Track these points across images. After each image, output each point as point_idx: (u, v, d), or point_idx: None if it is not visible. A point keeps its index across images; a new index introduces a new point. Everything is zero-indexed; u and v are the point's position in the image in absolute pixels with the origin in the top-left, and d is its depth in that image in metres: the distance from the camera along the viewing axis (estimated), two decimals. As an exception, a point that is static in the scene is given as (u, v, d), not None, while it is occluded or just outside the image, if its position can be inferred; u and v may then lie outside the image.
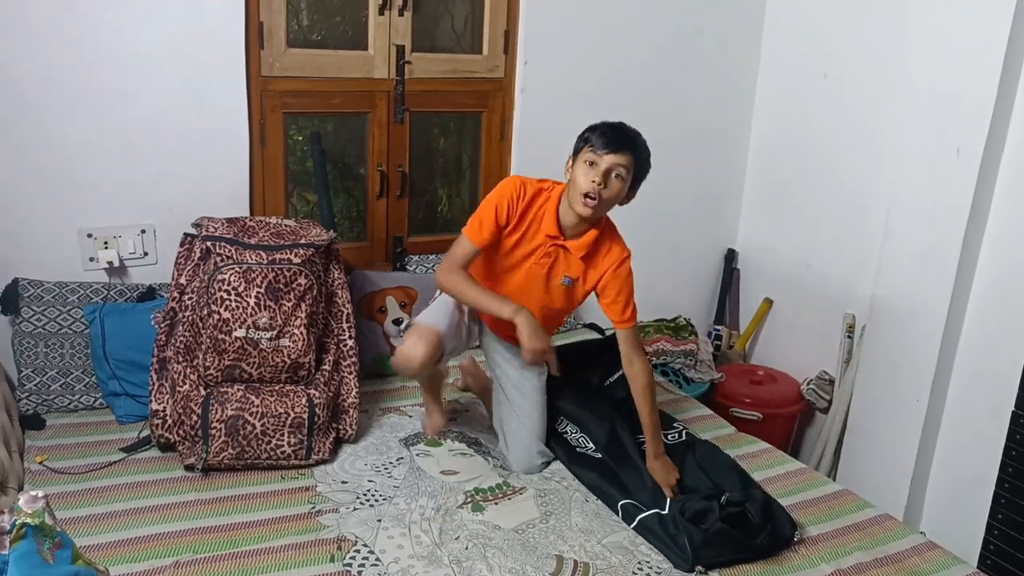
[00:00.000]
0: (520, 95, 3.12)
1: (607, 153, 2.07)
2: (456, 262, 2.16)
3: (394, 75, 2.92)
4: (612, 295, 2.23)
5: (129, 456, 2.24)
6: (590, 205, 2.09)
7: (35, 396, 2.41)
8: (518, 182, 2.20)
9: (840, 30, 3.18)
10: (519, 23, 3.06)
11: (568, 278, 2.23)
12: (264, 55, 2.70)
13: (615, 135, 2.09)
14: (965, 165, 2.55)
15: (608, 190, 2.09)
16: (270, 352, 2.22)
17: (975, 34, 2.51)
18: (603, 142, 2.08)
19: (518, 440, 2.31)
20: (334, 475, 2.23)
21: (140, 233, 2.64)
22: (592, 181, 2.07)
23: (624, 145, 2.09)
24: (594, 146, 2.08)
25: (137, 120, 2.55)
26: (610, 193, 2.10)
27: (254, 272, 2.20)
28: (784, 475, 2.38)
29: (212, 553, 1.86)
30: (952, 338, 2.69)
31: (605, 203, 2.12)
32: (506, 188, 2.18)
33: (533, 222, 2.19)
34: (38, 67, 2.40)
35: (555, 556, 1.94)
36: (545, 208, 2.19)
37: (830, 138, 3.26)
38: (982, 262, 2.63)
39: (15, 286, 2.46)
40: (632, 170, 2.11)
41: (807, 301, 3.43)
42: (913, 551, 2.06)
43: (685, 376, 3.33)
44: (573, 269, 2.23)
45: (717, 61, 3.45)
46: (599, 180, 2.07)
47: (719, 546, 1.93)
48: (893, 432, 2.84)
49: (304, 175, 2.96)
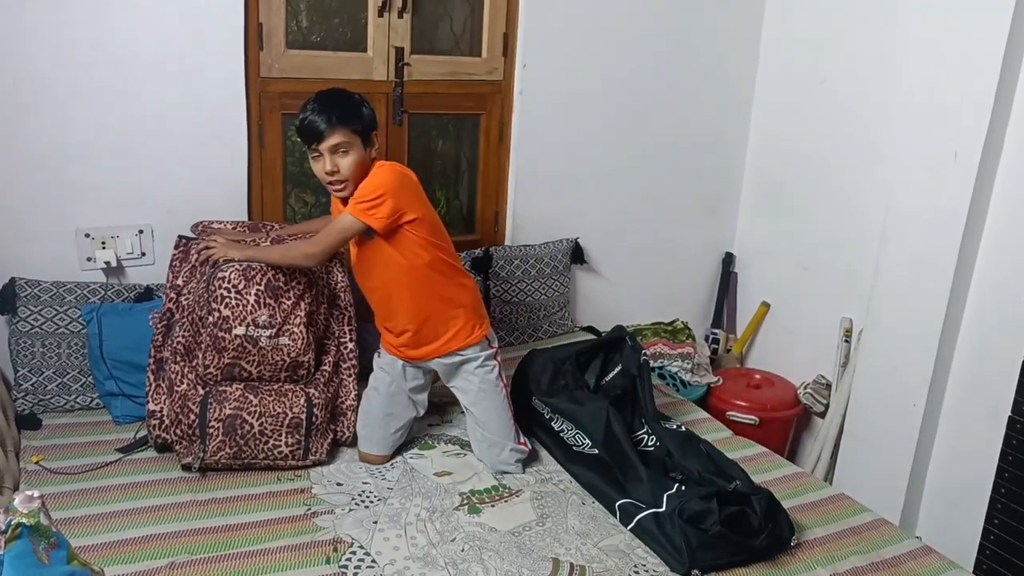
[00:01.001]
0: (519, 98, 3.12)
1: (319, 143, 2.13)
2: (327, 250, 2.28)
3: (393, 77, 2.92)
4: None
5: (125, 456, 2.24)
6: (338, 189, 2.19)
7: (31, 396, 2.41)
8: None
9: (837, 36, 3.19)
10: (518, 26, 3.06)
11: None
12: (263, 56, 2.70)
13: (313, 129, 2.12)
14: (962, 170, 2.55)
15: (343, 167, 2.15)
16: (269, 350, 2.22)
17: (973, 39, 2.51)
18: (307, 138, 2.14)
19: (487, 445, 2.33)
20: (330, 477, 2.23)
21: (138, 233, 2.64)
22: (326, 172, 2.16)
23: (324, 131, 2.11)
24: (307, 147, 2.17)
25: (135, 120, 2.55)
26: (347, 166, 2.15)
27: (254, 270, 2.20)
28: (781, 479, 2.38)
29: (208, 554, 1.86)
30: (949, 343, 2.70)
31: (352, 178, 2.17)
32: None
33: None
34: (36, 67, 2.40)
35: (551, 559, 1.94)
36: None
37: (827, 143, 3.26)
38: (979, 266, 2.63)
39: (12, 285, 2.46)
40: (352, 135, 2.14)
41: (804, 305, 3.43)
42: (909, 556, 2.06)
43: (682, 379, 3.33)
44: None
45: (715, 65, 3.45)
46: (330, 167, 2.14)
47: (717, 549, 1.93)
48: (890, 436, 2.84)
49: (302, 176, 2.96)
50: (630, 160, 3.39)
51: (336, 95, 2.19)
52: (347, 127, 2.12)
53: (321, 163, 2.15)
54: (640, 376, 2.43)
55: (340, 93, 2.21)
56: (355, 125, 2.14)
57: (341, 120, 2.12)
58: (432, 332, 2.30)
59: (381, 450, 2.33)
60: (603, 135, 3.30)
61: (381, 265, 2.23)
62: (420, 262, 2.22)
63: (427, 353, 2.33)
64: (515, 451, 2.33)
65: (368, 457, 2.33)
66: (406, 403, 2.38)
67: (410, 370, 2.38)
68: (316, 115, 2.11)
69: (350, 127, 2.13)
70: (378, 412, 2.34)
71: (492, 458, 2.32)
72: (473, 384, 2.34)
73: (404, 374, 2.37)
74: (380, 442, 2.33)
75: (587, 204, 3.36)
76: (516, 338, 3.12)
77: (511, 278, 3.12)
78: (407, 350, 2.34)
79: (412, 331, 2.30)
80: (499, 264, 3.10)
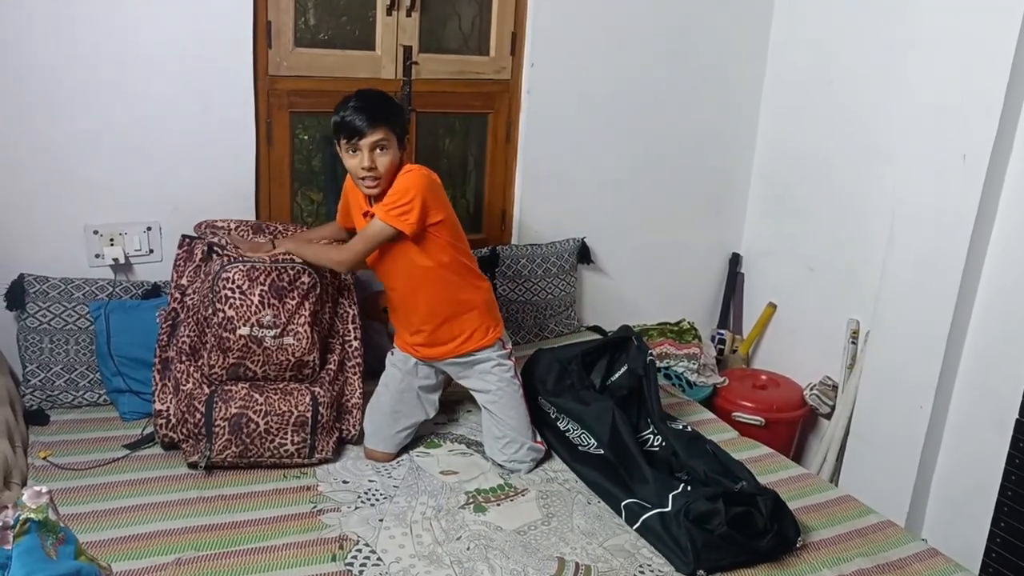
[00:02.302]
0: (526, 97, 3.12)
1: (360, 138, 2.13)
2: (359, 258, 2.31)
3: (401, 75, 2.92)
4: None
5: (132, 453, 2.25)
6: (371, 186, 2.18)
7: (39, 392, 2.42)
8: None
9: (846, 37, 3.18)
10: (526, 25, 3.06)
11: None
12: (271, 54, 2.71)
13: (356, 125, 2.12)
14: (971, 172, 2.54)
15: (381, 164, 2.16)
16: (274, 350, 2.23)
17: (982, 40, 2.50)
18: (348, 133, 2.14)
19: (505, 443, 2.32)
20: (336, 474, 2.24)
21: (146, 230, 2.64)
22: (363, 168, 2.15)
23: (367, 128, 2.12)
24: (345, 142, 2.15)
25: (144, 118, 2.55)
26: (384, 164, 2.16)
27: (257, 270, 2.21)
28: (786, 480, 2.38)
29: (214, 551, 1.87)
30: (956, 345, 2.69)
31: (385, 176, 2.18)
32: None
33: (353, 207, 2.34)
34: (45, 65, 2.41)
35: (557, 558, 1.94)
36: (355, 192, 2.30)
37: (835, 144, 3.25)
38: (987, 269, 2.62)
39: (21, 282, 2.47)
40: (391, 135, 2.16)
41: (811, 306, 3.43)
42: (915, 558, 2.06)
43: (688, 380, 3.33)
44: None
45: (723, 66, 3.45)
46: (368, 163, 2.14)
47: (722, 549, 1.92)
48: (896, 438, 2.83)
49: (309, 174, 2.97)
50: (637, 160, 3.39)
51: (378, 95, 2.23)
52: (388, 126, 2.15)
53: (358, 159, 2.15)
54: (646, 376, 2.42)
55: (381, 93, 2.25)
56: (395, 125, 2.18)
57: (384, 118, 2.15)
58: (447, 333, 2.32)
59: (387, 448, 2.34)
60: (610, 135, 3.30)
61: (402, 265, 2.25)
62: (440, 263, 2.25)
63: (441, 353, 2.34)
64: (532, 449, 2.34)
65: (373, 454, 2.34)
66: (415, 402, 2.39)
67: (422, 368, 2.39)
68: (360, 111, 2.13)
69: (391, 126, 2.16)
70: (386, 408, 2.35)
71: (509, 455, 2.32)
72: (491, 384, 2.36)
73: (416, 371, 2.39)
74: (386, 440, 2.34)
75: (594, 204, 3.36)
76: (522, 337, 3.12)
77: (518, 277, 3.12)
78: (422, 349, 2.35)
79: (428, 331, 2.32)
80: (506, 263, 3.10)
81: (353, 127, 2.13)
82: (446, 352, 2.34)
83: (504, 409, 2.34)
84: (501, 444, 2.33)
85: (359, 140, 2.13)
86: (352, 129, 2.13)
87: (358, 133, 2.13)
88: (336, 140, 2.19)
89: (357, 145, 2.14)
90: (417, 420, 2.40)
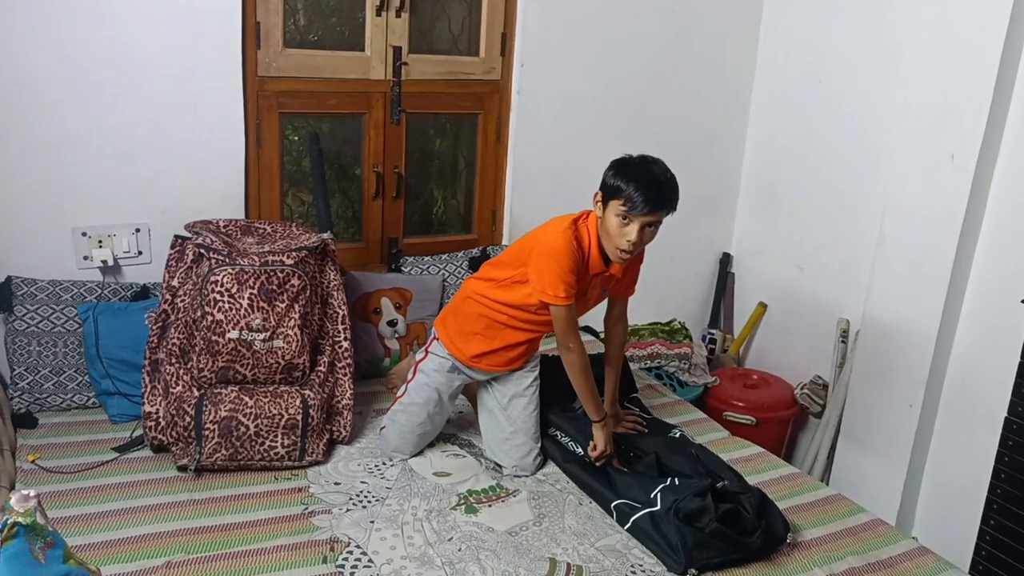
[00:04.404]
0: (516, 97, 3.12)
1: (641, 215, 2.03)
2: (574, 334, 2.19)
3: (391, 76, 2.92)
4: (630, 279, 2.35)
5: (122, 456, 2.23)
6: (625, 258, 2.12)
7: (28, 395, 2.40)
8: (572, 237, 2.13)
9: (835, 36, 3.19)
10: (516, 26, 3.06)
11: (606, 291, 2.32)
12: (261, 55, 2.70)
13: (653, 199, 2.01)
14: (959, 171, 2.56)
15: (643, 241, 2.10)
16: (264, 353, 2.22)
17: (970, 40, 2.52)
18: (639, 204, 2.01)
19: (512, 446, 2.31)
20: (327, 476, 2.23)
21: (135, 232, 2.63)
22: (628, 240, 2.06)
23: (658, 207, 2.03)
24: (629, 206, 2.02)
25: (132, 119, 2.54)
26: (647, 241, 2.12)
27: (247, 273, 2.20)
28: (777, 479, 2.38)
29: (204, 554, 1.86)
30: (945, 344, 2.70)
31: (640, 251, 2.17)
32: (569, 249, 2.12)
33: (585, 266, 2.18)
34: (34, 66, 2.39)
35: (548, 559, 1.93)
36: (590, 251, 2.17)
37: (825, 143, 3.26)
38: (976, 268, 2.64)
39: (8, 284, 2.45)
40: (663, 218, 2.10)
41: (801, 306, 3.44)
42: (905, 556, 2.06)
43: (679, 380, 3.33)
44: (611, 283, 2.29)
45: (713, 66, 3.46)
46: (635, 239, 2.05)
47: (713, 547, 1.92)
48: (886, 437, 2.84)
49: (299, 175, 2.96)
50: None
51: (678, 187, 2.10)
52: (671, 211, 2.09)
53: (627, 230, 2.06)
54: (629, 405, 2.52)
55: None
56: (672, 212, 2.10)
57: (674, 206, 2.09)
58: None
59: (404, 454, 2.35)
60: (601, 135, 3.29)
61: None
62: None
63: (508, 367, 2.34)
64: (540, 456, 2.34)
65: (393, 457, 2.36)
66: (441, 422, 2.41)
67: (459, 378, 2.37)
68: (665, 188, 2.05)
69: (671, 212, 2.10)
70: (418, 428, 2.33)
71: (515, 459, 2.30)
72: (513, 386, 2.34)
73: (451, 383, 2.36)
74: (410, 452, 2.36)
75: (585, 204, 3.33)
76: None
77: (508, 278, 3.12)
78: (497, 367, 2.32)
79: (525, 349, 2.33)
80: (496, 264, 3.09)
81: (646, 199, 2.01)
82: (515, 366, 2.35)
83: (521, 411, 2.33)
84: (507, 447, 2.31)
85: (639, 216, 2.03)
86: (644, 201, 2.01)
87: (645, 207, 2.01)
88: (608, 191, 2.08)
89: (634, 217, 2.03)
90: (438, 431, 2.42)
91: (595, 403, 2.23)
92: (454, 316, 2.36)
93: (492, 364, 2.31)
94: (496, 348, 2.29)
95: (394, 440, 2.33)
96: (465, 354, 2.31)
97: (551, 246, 2.13)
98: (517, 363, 2.33)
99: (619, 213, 2.05)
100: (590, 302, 2.29)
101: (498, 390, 2.36)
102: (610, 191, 2.07)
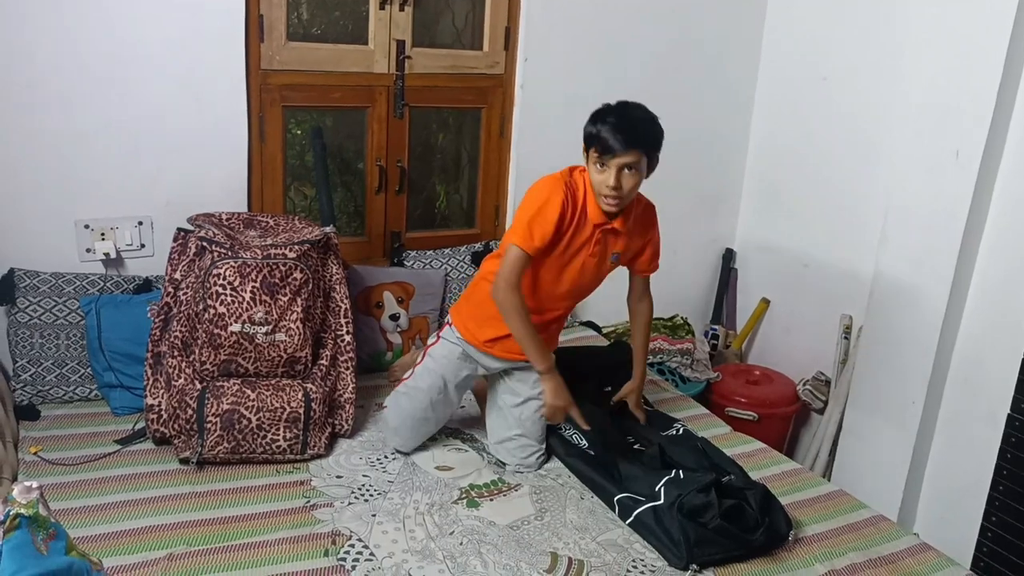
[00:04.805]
0: (520, 92, 3.12)
1: (613, 156, 2.02)
2: (513, 278, 2.10)
3: (394, 70, 2.91)
4: (650, 252, 2.33)
5: (124, 448, 2.24)
6: (612, 204, 2.09)
7: (30, 387, 2.41)
8: (562, 184, 2.12)
9: (839, 34, 3.18)
10: (520, 20, 3.06)
11: (616, 254, 2.24)
12: (264, 49, 2.70)
13: (619, 136, 2.01)
14: (963, 169, 2.55)
15: (625, 186, 2.06)
16: (266, 347, 2.22)
17: (975, 37, 2.51)
18: (608, 145, 2.02)
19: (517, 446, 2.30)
20: (329, 469, 2.23)
21: (137, 225, 2.63)
22: (607, 185, 2.05)
23: (630, 145, 2.02)
24: (602, 148, 2.03)
25: (136, 113, 2.54)
26: (628, 187, 2.07)
27: (249, 267, 2.20)
28: (779, 475, 2.38)
29: (206, 546, 1.86)
30: (948, 341, 2.70)
31: (627, 195, 2.09)
32: (555, 194, 2.10)
33: (581, 215, 2.15)
34: (37, 59, 2.39)
35: (550, 553, 1.94)
36: (587, 198, 2.14)
37: (828, 140, 3.26)
38: (979, 265, 2.63)
39: (11, 276, 2.46)
40: (644, 158, 2.06)
41: (804, 302, 3.43)
42: (907, 552, 2.06)
43: (681, 375, 3.33)
44: (620, 245, 2.23)
45: (717, 62, 3.45)
46: (613, 183, 2.04)
47: (715, 544, 1.92)
48: (888, 433, 2.84)
49: (302, 169, 2.96)
50: (631, 155, 3.38)
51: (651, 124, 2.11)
52: (647, 152, 2.08)
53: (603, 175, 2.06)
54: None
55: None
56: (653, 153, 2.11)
57: (648, 146, 2.08)
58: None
59: (404, 448, 2.33)
60: (604, 130, 3.29)
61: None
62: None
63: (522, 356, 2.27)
64: (543, 456, 2.33)
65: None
66: (445, 415, 2.38)
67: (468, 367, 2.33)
68: (633, 126, 2.05)
69: (650, 152, 2.09)
70: (418, 414, 2.29)
71: (519, 458, 2.29)
72: (527, 389, 2.31)
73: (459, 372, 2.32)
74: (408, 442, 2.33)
75: (587, 199, 3.35)
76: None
77: (511, 273, 3.11)
78: (511, 354, 2.26)
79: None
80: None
81: (614, 139, 2.02)
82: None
83: (538, 418, 2.31)
84: (512, 446, 2.30)
85: (611, 158, 2.03)
86: (612, 141, 2.02)
87: (614, 150, 2.02)
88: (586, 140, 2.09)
89: (607, 160, 2.04)
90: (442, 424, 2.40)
91: (538, 351, 2.15)
92: (468, 301, 2.34)
93: (505, 351, 2.26)
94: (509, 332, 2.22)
95: (393, 420, 2.31)
96: (478, 338, 2.27)
97: (533, 192, 2.14)
98: None
99: (595, 160, 2.06)
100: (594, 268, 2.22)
101: (511, 390, 2.32)
102: (587, 141, 2.09)
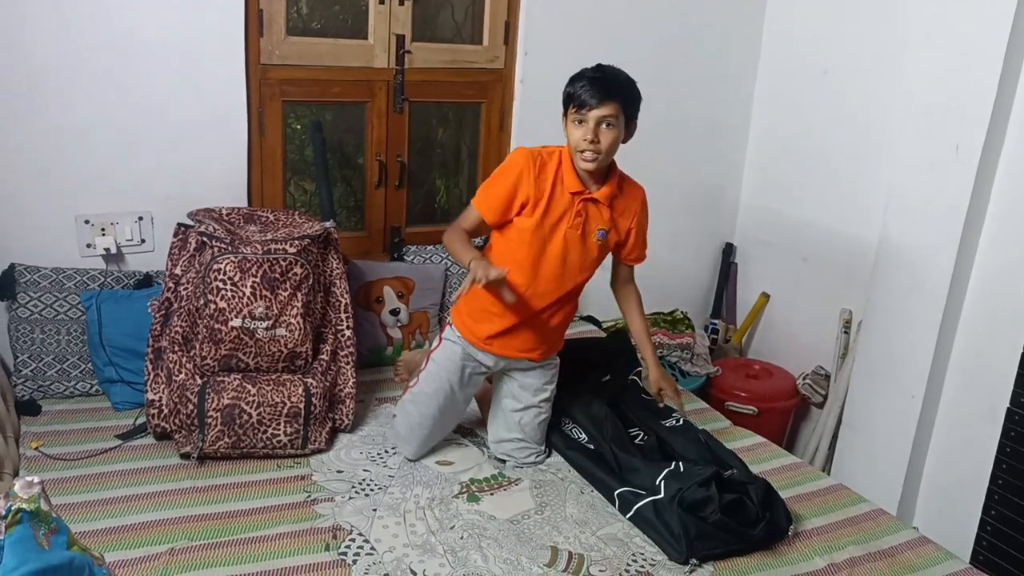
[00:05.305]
0: (520, 86, 3.11)
1: (591, 109, 2.06)
2: (460, 222, 2.22)
3: (394, 64, 2.91)
4: (636, 237, 2.31)
5: (125, 443, 2.24)
6: (589, 159, 2.10)
7: (31, 382, 2.41)
8: (526, 152, 2.17)
9: (840, 27, 3.18)
10: (520, 14, 3.05)
11: (602, 231, 2.23)
12: (263, 43, 2.69)
13: (596, 89, 2.06)
14: (963, 163, 2.55)
15: (603, 141, 2.09)
16: (267, 342, 2.22)
17: (975, 31, 2.50)
18: (585, 99, 2.06)
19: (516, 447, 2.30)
20: (330, 464, 2.24)
21: (138, 220, 2.63)
22: (584, 139, 2.08)
23: (606, 96, 2.06)
24: (579, 104, 2.07)
25: (135, 107, 2.54)
26: (606, 142, 2.09)
27: (249, 262, 2.20)
28: (779, 469, 2.38)
29: (207, 541, 1.86)
30: (948, 335, 2.70)
31: (606, 153, 2.11)
32: (517, 161, 2.16)
33: (556, 184, 2.16)
34: (37, 54, 2.39)
35: (550, 547, 1.94)
36: (562, 168, 2.17)
37: (829, 134, 3.25)
38: (979, 259, 2.63)
39: (11, 272, 2.46)
40: (622, 114, 2.10)
41: (804, 296, 3.44)
42: (906, 546, 2.07)
43: (681, 370, 3.33)
44: (604, 220, 2.22)
45: (717, 56, 3.44)
46: (591, 136, 2.07)
47: (715, 538, 1.93)
48: (888, 427, 2.84)
49: (302, 164, 2.96)
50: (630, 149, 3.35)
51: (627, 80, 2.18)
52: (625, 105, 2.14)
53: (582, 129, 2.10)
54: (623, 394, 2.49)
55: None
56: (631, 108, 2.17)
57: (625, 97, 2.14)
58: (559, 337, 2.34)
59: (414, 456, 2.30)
60: (604, 124, 3.29)
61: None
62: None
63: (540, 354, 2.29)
64: (542, 456, 2.34)
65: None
66: (453, 420, 2.36)
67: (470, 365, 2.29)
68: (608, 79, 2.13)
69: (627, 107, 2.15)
70: (428, 420, 2.27)
71: (519, 459, 2.30)
72: (530, 396, 2.31)
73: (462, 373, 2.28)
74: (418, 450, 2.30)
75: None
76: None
77: (511, 267, 3.11)
78: (511, 351, 2.25)
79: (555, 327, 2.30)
80: (499, 253, 3.09)
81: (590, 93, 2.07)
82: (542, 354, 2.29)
83: (539, 424, 2.31)
84: (511, 447, 2.30)
85: (589, 110, 2.07)
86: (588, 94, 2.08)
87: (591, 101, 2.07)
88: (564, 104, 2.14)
89: (585, 114, 2.08)
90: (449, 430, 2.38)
91: (464, 249, 2.13)
92: (466, 299, 2.30)
93: (504, 347, 2.24)
94: (508, 327, 2.22)
95: (403, 430, 2.30)
96: (477, 335, 2.26)
97: (503, 163, 2.21)
98: (533, 353, 2.28)
99: (574, 118, 2.10)
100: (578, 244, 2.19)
101: (513, 395, 2.31)
102: (565, 102, 2.14)
